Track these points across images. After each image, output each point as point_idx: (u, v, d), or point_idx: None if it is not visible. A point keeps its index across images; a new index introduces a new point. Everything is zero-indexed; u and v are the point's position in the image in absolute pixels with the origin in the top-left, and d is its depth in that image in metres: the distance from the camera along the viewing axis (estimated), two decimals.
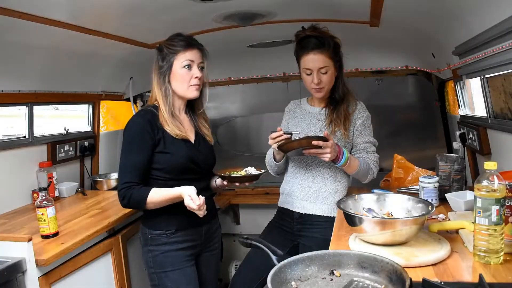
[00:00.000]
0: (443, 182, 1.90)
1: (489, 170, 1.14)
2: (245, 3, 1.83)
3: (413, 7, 1.78)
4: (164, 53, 1.63)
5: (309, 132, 1.83)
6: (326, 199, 1.85)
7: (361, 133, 1.84)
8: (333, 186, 1.86)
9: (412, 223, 1.25)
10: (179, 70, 1.62)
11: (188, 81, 1.63)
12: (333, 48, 1.75)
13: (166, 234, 1.65)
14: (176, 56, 1.61)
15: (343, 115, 1.80)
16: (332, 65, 1.76)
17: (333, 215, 1.82)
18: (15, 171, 2.17)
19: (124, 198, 1.56)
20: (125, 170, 1.58)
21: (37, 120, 2.30)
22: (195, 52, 1.64)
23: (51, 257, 1.49)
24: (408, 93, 3.15)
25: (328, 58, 1.73)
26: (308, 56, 1.74)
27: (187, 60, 1.61)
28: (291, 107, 2.01)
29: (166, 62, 1.62)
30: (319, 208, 1.85)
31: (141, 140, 1.58)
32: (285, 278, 1.01)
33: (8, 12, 1.51)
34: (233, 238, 3.21)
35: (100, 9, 1.73)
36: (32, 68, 2.09)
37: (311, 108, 1.91)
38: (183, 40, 1.63)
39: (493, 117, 1.90)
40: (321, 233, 1.79)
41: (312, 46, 1.73)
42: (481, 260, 1.18)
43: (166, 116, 1.61)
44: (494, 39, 1.45)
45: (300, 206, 1.87)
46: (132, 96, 3.01)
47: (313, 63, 1.73)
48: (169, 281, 1.64)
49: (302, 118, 1.91)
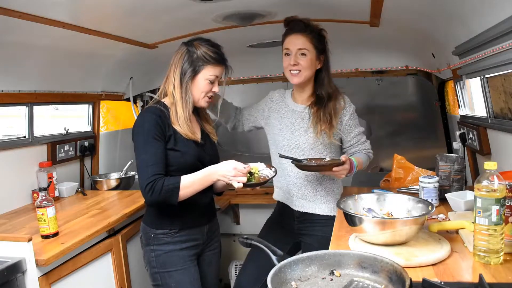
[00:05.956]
0: (443, 182, 1.90)
1: (489, 170, 1.14)
2: (245, 3, 1.83)
3: (413, 7, 1.78)
4: (193, 56, 1.60)
5: (294, 131, 1.81)
6: (324, 198, 1.85)
7: (351, 127, 1.85)
8: (328, 185, 1.86)
9: (412, 223, 1.25)
10: (202, 81, 1.61)
11: (205, 92, 1.63)
12: (318, 37, 1.75)
13: (170, 233, 1.64)
14: (206, 67, 1.60)
15: (331, 114, 1.77)
16: (314, 52, 1.74)
17: (333, 214, 1.82)
18: (15, 171, 2.17)
19: (154, 192, 1.47)
20: (147, 165, 1.51)
21: (37, 120, 2.30)
22: (223, 68, 1.65)
23: (51, 257, 1.49)
24: (408, 93, 3.15)
25: (309, 43, 1.73)
26: (290, 36, 1.75)
27: (214, 76, 1.62)
28: (275, 97, 1.96)
29: (192, 69, 1.60)
30: (318, 207, 1.85)
31: (156, 132, 1.54)
32: (285, 278, 1.01)
33: (8, 12, 1.51)
34: (233, 238, 3.21)
35: (100, 9, 1.72)
36: (32, 68, 2.09)
37: (294, 105, 1.88)
38: (217, 53, 1.61)
39: (493, 117, 1.90)
40: (322, 231, 1.80)
41: (297, 28, 1.74)
42: (481, 260, 1.18)
43: (181, 118, 1.59)
44: (494, 39, 1.45)
45: (300, 204, 1.87)
46: (132, 96, 3.01)
47: (293, 43, 1.73)
48: (172, 281, 1.63)
49: (285, 115, 1.88)
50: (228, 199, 3.03)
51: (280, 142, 1.84)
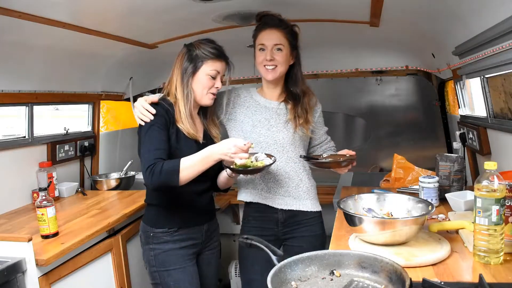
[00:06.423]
0: (443, 182, 1.90)
1: (489, 170, 1.14)
2: (245, 3, 1.83)
3: (413, 7, 1.78)
4: (193, 53, 1.62)
5: (270, 128, 1.77)
6: (307, 194, 1.80)
7: (321, 124, 1.89)
8: (308, 180, 1.82)
9: (412, 223, 1.25)
10: (203, 77, 1.62)
11: (207, 88, 1.64)
12: (291, 33, 1.75)
13: (169, 232, 1.65)
14: (206, 62, 1.61)
15: (307, 110, 1.78)
16: (288, 48, 1.73)
17: (318, 209, 1.81)
18: (15, 171, 2.17)
19: (154, 174, 1.45)
20: (149, 150, 1.51)
21: (37, 120, 2.30)
22: (223, 64, 1.65)
23: (51, 257, 1.49)
24: (408, 93, 3.15)
25: (284, 38, 1.72)
26: (265, 31, 1.73)
27: (214, 70, 1.62)
28: (242, 94, 1.86)
29: (193, 65, 1.62)
30: (302, 204, 1.80)
31: (161, 122, 1.56)
32: (285, 278, 1.01)
33: (8, 12, 1.51)
34: (233, 238, 3.21)
35: (100, 9, 1.73)
36: (32, 68, 2.09)
37: (266, 101, 1.82)
38: (216, 48, 1.63)
39: (493, 117, 1.90)
40: (311, 230, 1.79)
41: (271, 23, 1.73)
42: (481, 260, 1.18)
43: (183, 115, 1.60)
44: (494, 39, 1.45)
45: (283, 202, 1.79)
46: (132, 96, 3.01)
47: (270, 38, 1.71)
48: (171, 279, 1.64)
49: (257, 112, 1.81)
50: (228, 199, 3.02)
51: (255, 139, 1.77)
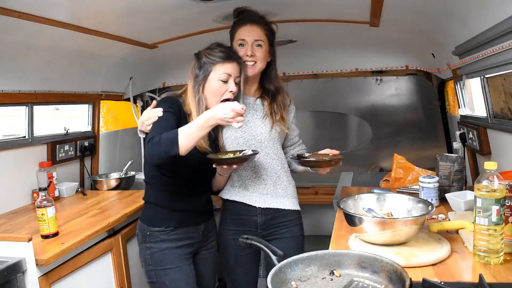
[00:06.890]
0: (443, 182, 1.90)
1: (489, 170, 1.14)
2: (245, 3, 1.83)
3: (413, 7, 1.78)
4: (202, 61, 1.60)
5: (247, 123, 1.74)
6: (284, 191, 1.78)
7: (294, 125, 1.87)
8: (285, 178, 1.80)
9: (412, 223, 1.25)
10: (215, 82, 1.59)
11: (221, 94, 1.59)
12: (270, 30, 1.75)
13: (166, 231, 1.64)
14: (214, 67, 1.58)
15: (281, 107, 1.77)
16: (267, 44, 1.73)
17: (296, 208, 1.79)
18: (15, 171, 2.17)
19: (153, 145, 1.41)
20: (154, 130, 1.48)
21: (37, 120, 2.30)
22: (234, 65, 1.60)
23: (51, 257, 1.49)
24: (408, 93, 3.15)
25: (264, 35, 1.71)
26: (245, 27, 1.71)
27: (225, 74, 1.58)
28: None
29: (203, 72, 1.59)
30: (280, 201, 1.77)
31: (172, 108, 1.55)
32: (285, 278, 1.01)
33: (8, 12, 1.51)
34: None
35: (100, 9, 1.73)
36: (32, 68, 2.09)
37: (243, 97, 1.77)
38: (223, 51, 1.60)
39: (493, 117, 1.90)
40: (290, 231, 1.77)
41: (252, 19, 1.72)
42: (481, 260, 1.18)
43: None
44: (494, 39, 1.45)
45: (261, 200, 1.76)
46: (132, 96, 3.01)
47: (250, 34, 1.70)
48: (167, 278, 1.64)
49: None
50: None
51: (232, 134, 1.75)
